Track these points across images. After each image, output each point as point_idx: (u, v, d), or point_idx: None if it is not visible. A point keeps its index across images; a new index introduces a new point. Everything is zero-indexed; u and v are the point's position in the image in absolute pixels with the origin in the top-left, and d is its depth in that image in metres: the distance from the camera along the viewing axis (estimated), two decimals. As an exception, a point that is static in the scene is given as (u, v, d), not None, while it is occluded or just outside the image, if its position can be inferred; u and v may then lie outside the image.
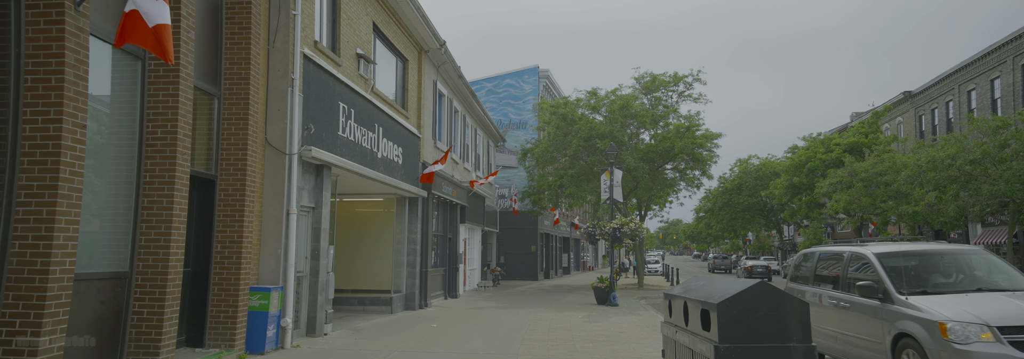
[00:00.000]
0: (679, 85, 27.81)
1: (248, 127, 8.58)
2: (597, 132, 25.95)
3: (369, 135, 13.34)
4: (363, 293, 16.30)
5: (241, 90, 8.54)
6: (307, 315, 10.73)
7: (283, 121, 9.67)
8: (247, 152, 8.57)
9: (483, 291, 25.34)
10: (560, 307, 18.49)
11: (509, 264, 34.64)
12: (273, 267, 9.47)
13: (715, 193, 56.65)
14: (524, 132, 36.24)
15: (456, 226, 21.78)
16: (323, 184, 11.03)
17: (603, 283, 19.51)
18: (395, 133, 15.22)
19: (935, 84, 36.60)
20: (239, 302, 8.35)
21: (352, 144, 12.35)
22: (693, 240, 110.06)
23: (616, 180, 19.73)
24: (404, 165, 16.00)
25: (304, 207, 10.64)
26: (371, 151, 13.46)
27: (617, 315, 16.21)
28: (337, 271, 16.67)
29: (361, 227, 16.99)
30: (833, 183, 28.22)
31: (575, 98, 27.93)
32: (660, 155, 26.20)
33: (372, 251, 16.77)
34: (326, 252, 11.18)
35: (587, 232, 19.51)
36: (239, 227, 8.45)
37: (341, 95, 11.84)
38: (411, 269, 16.88)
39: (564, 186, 27.75)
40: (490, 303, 19.55)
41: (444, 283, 20.44)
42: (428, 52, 17.81)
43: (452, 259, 21.18)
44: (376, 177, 13.40)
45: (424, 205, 17.54)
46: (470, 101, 23.43)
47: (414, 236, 17.00)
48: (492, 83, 37.16)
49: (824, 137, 39.13)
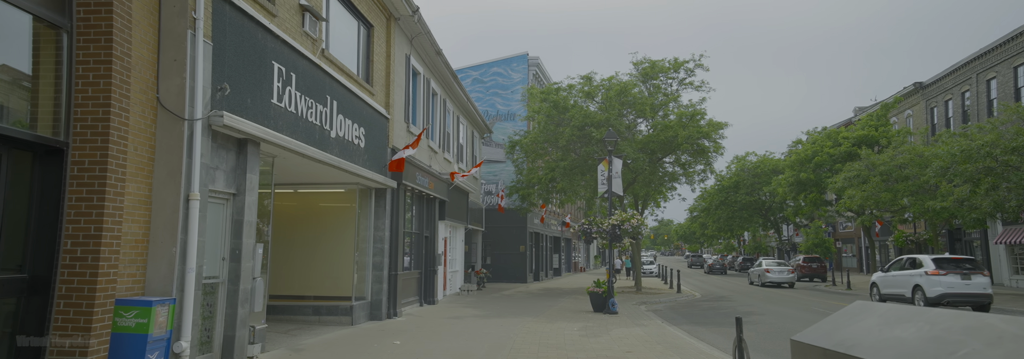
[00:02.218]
0: (680, 71, 25.45)
1: (114, 75, 6.09)
2: (592, 120, 23.54)
3: (318, 109, 10.86)
4: (319, 301, 13.81)
5: (102, 22, 6.05)
6: (223, 334, 8.23)
7: (181, 75, 7.18)
8: (112, 111, 6.08)
9: (465, 296, 22.87)
10: (551, 315, 16.06)
11: (496, 265, 32.18)
12: (165, 272, 6.98)
13: (711, 191, 54.52)
14: (512, 124, 33.79)
15: (434, 223, 19.31)
16: (247, 164, 8.55)
17: (600, 288, 17.11)
18: (355, 110, 12.74)
19: (949, 74, 34.48)
20: (94, 322, 5.86)
21: (292, 117, 9.88)
22: (686, 240, 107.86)
23: (615, 170, 17.32)
24: (368, 150, 13.53)
25: (218, 193, 8.15)
26: (321, 128, 10.99)
27: (619, 326, 13.80)
28: (287, 275, 14.17)
29: (317, 223, 14.50)
30: (848, 177, 25.92)
31: (568, 84, 25.50)
32: (661, 146, 23.81)
33: (330, 251, 14.28)
34: (252, 252, 8.69)
35: (582, 230, 17.10)
36: (99, 215, 5.97)
37: (276, 54, 9.36)
38: (378, 272, 14.40)
39: (555, 180, 25.31)
40: (471, 311, 17.10)
41: (419, 288, 17.96)
42: (399, 20, 15.34)
43: (429, 260, 18.70)
44: (328, 160, 10.93)
45: (394, 198, 15.07)
46: (451, 83, 20.97)
47: (382, 234, 14.53)
48: (478, 72, 34.69)
49: (830, 130, 36.91)
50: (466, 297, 22.19)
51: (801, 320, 15.74)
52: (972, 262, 18.40)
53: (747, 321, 15.38)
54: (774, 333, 12.74)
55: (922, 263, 18.69)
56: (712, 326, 14.56)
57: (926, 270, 18.23)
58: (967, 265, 18.15)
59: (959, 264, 18.13)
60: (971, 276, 17.70)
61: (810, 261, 38.75)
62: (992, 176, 19.68)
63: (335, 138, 11.65)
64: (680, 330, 13.51)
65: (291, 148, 9.53)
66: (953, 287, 17.53)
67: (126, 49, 6.26)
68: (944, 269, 17.98)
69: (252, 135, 8.36)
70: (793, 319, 16.05)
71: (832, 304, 20.78)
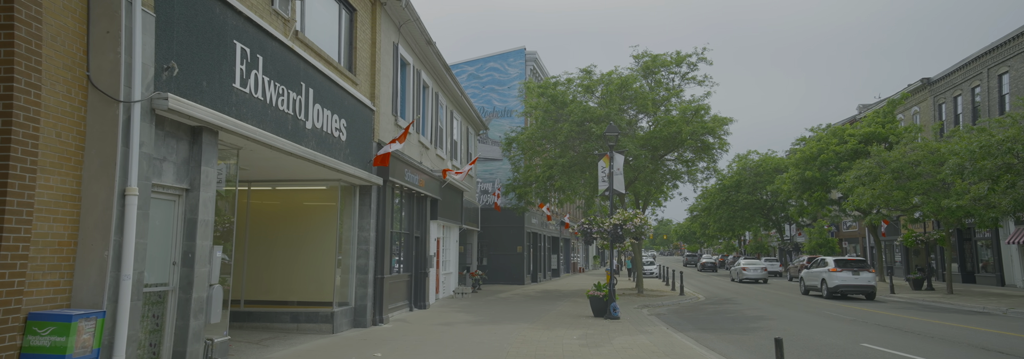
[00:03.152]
0: (682, 66, 24.43)
1: (17, 44, 5.06)
2: (591, 116, 22.53)
3: (291, 96, 9.85)
4: (298, 307, 12.79)
5: (1, -22, 5.02)
6: (173, 350, 7.21)
7: (115, 50, 6.16)
8: (16, 87, 5.06)
9: (460, 299, 21.86)
10: (549, 321, 15.04)
11: (492, 267, 31.14)
12: (95, 279, 5.96)
13: (712, 190, 53.53)
14: (509, 120, 32.75)
15: (426, 223, 18.29)
16: (203, 155, 7.53)
17: (601, 291, 16.11)
18: (336, 101, 11.73)
19: (958, 69, 33.50)
20: (-8, 343, 4.83)
21: (259, 104, 8.86)
22: (685, 240, 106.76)
23: (617, 167, 16.30)
24: (351, 144, 12.52)
25: (166, 188, 7.13)
26: (294, 118, 9.97)
27: (622, 333, 12.79)
28: (266, 279, 13.15)
29: (297, 222, 13.48)
30: (859, 175, 24.89)
31: (566, 78, 24.47)
32: (664, 142, 22.79)
33: (311, 253, 13.26)
34: (209, 255, 7.67)
35: (582, 230, 16.09)
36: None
37: (239, 32, 8.34)
38: (362, 275, 13.38)
39: (553, 178, 24.28)
40: (464, 316, 16.09)
41: (409, 291, 16.95)
42: (384, 4, 14.32)
43: (420, 262, 17.69)
44: (303, 154, 9.91)
45: (380, 196, 14.05)
46: (443, 76, 19.95)
47: (367, 234, 13.51)
48: (474, 67, 33.65)
49: (835, 128, 35.90)
50: (460, 301, 21.17)
51: (815, 326, 14.74)
52: (862, 263, 24.09)
53: (759, 328, 14.38)
54: (791, 341, 11.73)
55: (827, 263, 24.76)
56: (721, 333, 13.55)
57: (829, 268, 24.22)
58: (857, 265, 23.91)
59: (852, 264, 23.97)
60: (860, 272, 23.56)
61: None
62: (1011, 173, 18.71)
63: (312, 130, 10.63)
64: (688, 338, 12.50)
65: (258, 139, 8.51)
66: (846, 280, 23.52)
67: (34, 12, 5.23)
68: (841, 268, 23.87)
69: (207, 122, 7.33)
70: (805, 324, 15.04)
71: (840, 307, 19.79)
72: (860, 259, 24.31)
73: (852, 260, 24.27)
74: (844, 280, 23.47)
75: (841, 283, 23.45)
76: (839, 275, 23.57)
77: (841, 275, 23.54)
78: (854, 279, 23.44)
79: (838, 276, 23.55)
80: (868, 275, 23.51)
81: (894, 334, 13.24)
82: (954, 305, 20.30)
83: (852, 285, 23.44)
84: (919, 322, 15.53)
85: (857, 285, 23.41)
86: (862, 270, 23.62)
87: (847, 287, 23.52)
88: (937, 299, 22.30)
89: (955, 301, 21.25)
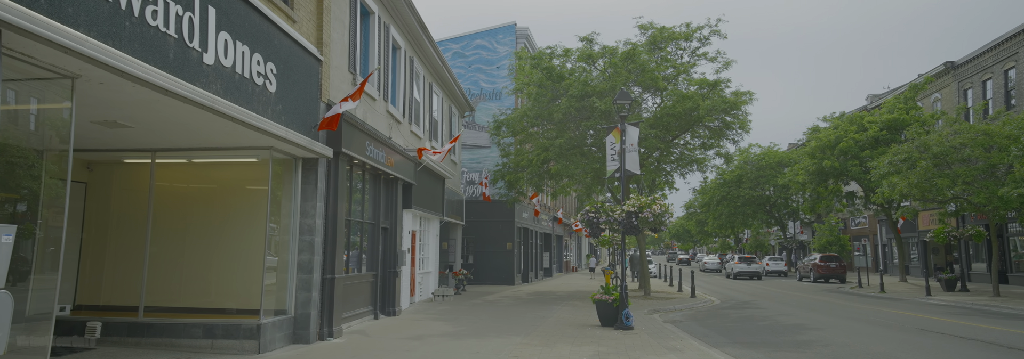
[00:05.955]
0: (692, 40, 21.36)
1: None
2: (594, 90, 19.44)
3: (174, 11, 6.70)
4: (214, 317, 9.62)
5: None
6: None
7: None
8: None
9: (439, 303, 18.73)
10: (548, 333, 11.94)
11: (479, 265, 28.00)
12: None
13: (712, 186, 50.65)
14: (498, 103, 29.60)
15: (397, 211, 15.15)
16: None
17: (610, 295, 13.03)
18: (257, 35, 8.59)
19: (987, 51, 30.68)
20: None
21: (107, 8, 5.72)
22: (679, 238, 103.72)
23: (631, 142, 13.20)
24: (286, 99, 9.38)
25: None
26: (179, 43, 6.82)
27: (645, 351, 9.71)
28: (173, 279, 9.96)
29: (215, 206, 10.33)
30: (894, 162, 21.94)
31: (564, 49, 21.36)
32: (678, 120, 19.73)
33: (233, 246, 10.12)
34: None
35: (587, 219, 13.03)
36: None
37: None
38: (305, 276, 10.24)
39: (548, 162, 21.17)
40: (441, 326, 12.96)
41: (375, 295, 13.81)
42: (338, -74, 11.17)
43: (388, 259, 14.55)
44: (196, 97, 6.79)
45: (331, 172, 10.91)
46: (420, 38, 16.80)
47: (312, 222, 10.37)
48: (459, 44, 30.48)
49: (852, 115, 33.04)
50: (439, 305, 18.04)
51: (875, 337, 11.70)
52: (752, 257, 40.18)
53: (810, 341, 11.25)
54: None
55: (735, 258, 40.98)
56: (768, 349, 10.50)
57: (734, 260, 40.71)
58: (750, 258, 40.06)
59: (746, 258, 40.01)
60: (750, 263, 39.39)
61: (828, 260, 35.05)
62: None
63: (214, 67, 7.48)
64: (730, 358, 9.46)
65: (102, 60, 5.38)
66: (741, 268, 39.38)
67: None
68: (741, 261, 39.95)
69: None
70: (862, 335, 12.00)
71: (881, 311, 16.79)
72: (751, 255, 40.38)
73: (746, 256, 40.14)
74: (741, 269, 39.51)
75: (739, 270, 39.61)
76: (738, 266, 39.95)
77: (739, 265, 39.80)
78: (747, 268, 39.10)
79: (738, 266, 39.90)
80: (757, 265, 39.52)
81: (981, 348, 10.22)
82: (1014, 310, 17.37)
83: (746, 271, 39.24)
84: (1002, 333, 12.53)
85: (749, 271, 39.23)
86: (752, 262, 39.68)
87: (742, 273, 39.53)
88: (987, 302, 19.40)
89: (1011, 304, 18.33)
